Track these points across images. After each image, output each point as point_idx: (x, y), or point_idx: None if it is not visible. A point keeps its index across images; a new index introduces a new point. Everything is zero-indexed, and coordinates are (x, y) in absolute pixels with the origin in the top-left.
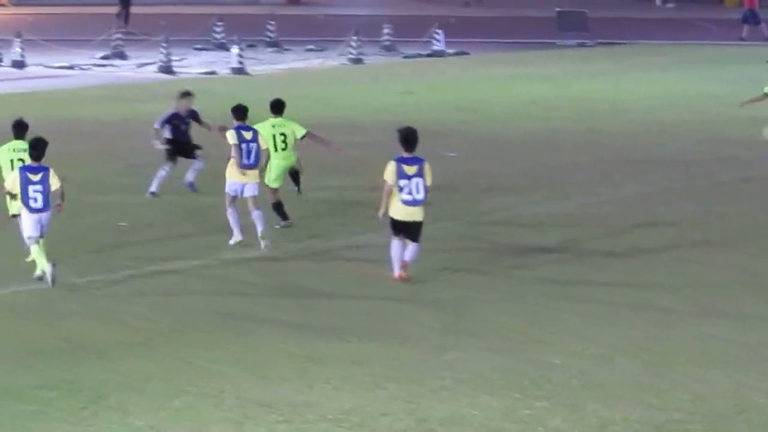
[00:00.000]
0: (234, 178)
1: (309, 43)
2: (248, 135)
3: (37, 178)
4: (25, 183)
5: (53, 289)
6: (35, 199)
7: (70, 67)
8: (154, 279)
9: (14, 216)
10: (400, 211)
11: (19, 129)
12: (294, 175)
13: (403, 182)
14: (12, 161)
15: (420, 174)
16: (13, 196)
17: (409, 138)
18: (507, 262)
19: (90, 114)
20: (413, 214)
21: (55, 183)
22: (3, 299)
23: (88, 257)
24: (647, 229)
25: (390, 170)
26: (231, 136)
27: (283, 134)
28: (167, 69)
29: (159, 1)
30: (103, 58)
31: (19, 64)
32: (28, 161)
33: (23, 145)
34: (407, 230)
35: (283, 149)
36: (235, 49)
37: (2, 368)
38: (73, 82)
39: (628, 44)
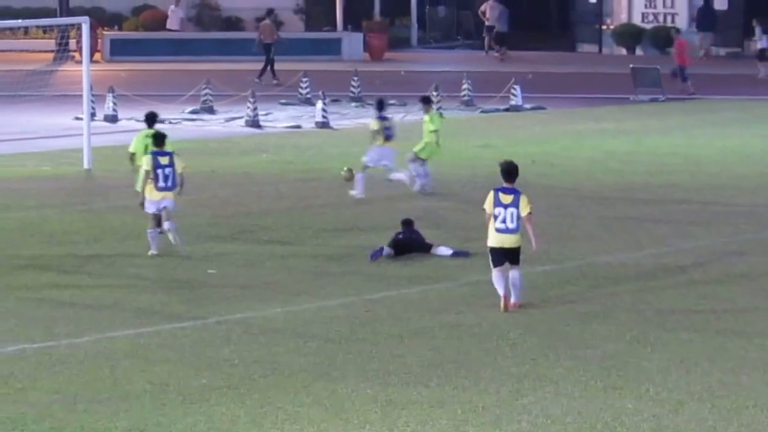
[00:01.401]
0: (152, 197)
1: (391, 98)
2: (164, 160)
3: None
4: None
5: (146, 336)
6: None
7: (161, 121)
8: (241, 325)
9: None
10: (494, 239)
11: None
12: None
13: (498, 210)
14: None
15: (515, 204)
16: None
17: (508, 170)
18: (582, 310)
19: (179, 166)
20: (508, 242)
21: None
22: (98, 345)
23: (180, 304)
24: (720, 280)
25: (489, 199)
26: (147, 162)
27: None
28: (254, 123)
29: (246, 59)
30: (192, 112)
31: (111, 119)
32: None
33: None
34: (506, 256)
35: None
36: (319, 104)
37: (96, 411)
38: None
39: (700, 100)
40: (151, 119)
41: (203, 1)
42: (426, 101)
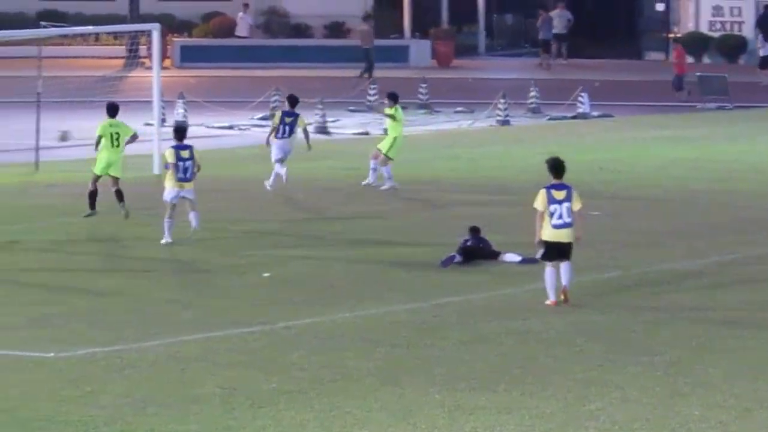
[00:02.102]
0: (173, 187)
1: (458, 105)
2: (185, 154)
3: None
4: None
5: (215, 340)
6: None
7: (230, 128)
8: (309, 330)
9: None
10: (551, 235)
11: None
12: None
13: (553, 207)
14: None
15: (568, 199)
16: None
17: (556, 166)
18: (647, 317)
19: (248, 173)
20: (564, 236)
21: None
22: (167, 348)
23: (249, 309)
24: None
25: (540, 198)
26: (170, 156)
27: (117, 133)
28: (322, 129)
29: (314, 65)
30: (261, 118)
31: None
32: None
33: None
34: (559, 251)
35: (116, 146)
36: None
37: (165, 414)
38: (231, 142)
39: (767, 108)
40: (112, 110)
41: (271, 8)
42: (392, 97)
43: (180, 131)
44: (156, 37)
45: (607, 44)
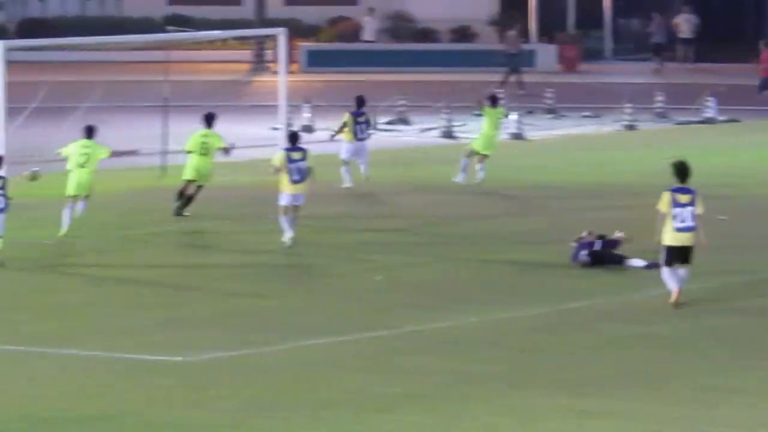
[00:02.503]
0: (287, 191)
1: (585, 110)
2: (297, 155)
3: None
4: None
5: (340, 345)
6: None
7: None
8: (436, 334)
9: None
10: (673, 238)
11: None
12: (191, 196)
13: (676, 210)
14: None
15: (692, 203)
16: None
17: (682, 169)
18: None
19: (376, 176)
20: (687, 240)
21: None
22: (293, 353)
23: (374, 313)
24: None
25: (665, 200)
26: (279, 159)
27: (205, 143)
28: (448, 134)
29: (439, 70)
30: (388, 123)
31: (308, 129)
32: None
33: None
34: (681, 255)
35: (203, 154)
36: (514, 116)
37: (292, 418)
38: None
39: None
40: (208, 120)
41: (397, 13)
42: (492, 100)
43: (293, 135)
44: (282, 41)
45: (733, 48)
